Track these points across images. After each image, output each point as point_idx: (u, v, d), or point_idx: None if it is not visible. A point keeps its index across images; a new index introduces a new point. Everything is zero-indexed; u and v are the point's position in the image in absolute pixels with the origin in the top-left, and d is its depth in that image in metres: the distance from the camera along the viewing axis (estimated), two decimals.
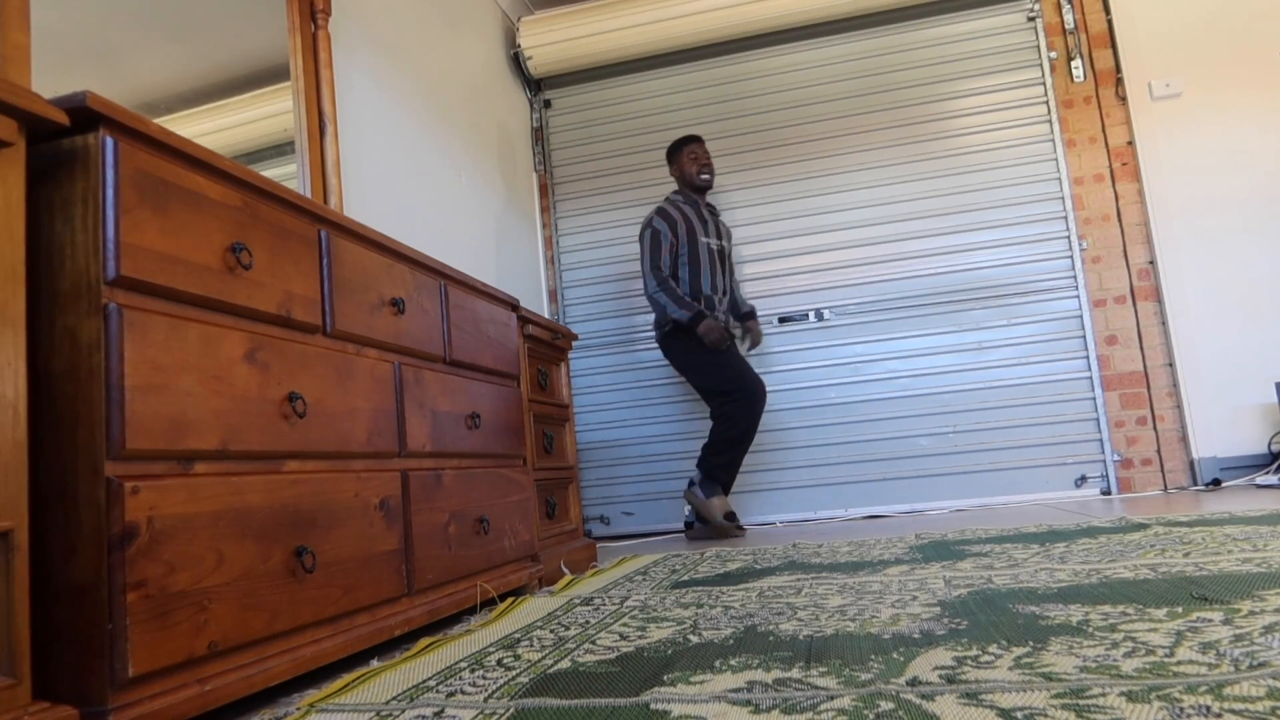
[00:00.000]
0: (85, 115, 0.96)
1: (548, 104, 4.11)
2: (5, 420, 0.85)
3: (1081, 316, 3.54)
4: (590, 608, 1.67)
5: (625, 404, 3.89)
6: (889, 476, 3.61)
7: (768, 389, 3.70)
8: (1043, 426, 3.51)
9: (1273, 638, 0.98)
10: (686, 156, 3.34)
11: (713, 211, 3.40)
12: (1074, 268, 3.56)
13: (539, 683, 1.09)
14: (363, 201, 2.38)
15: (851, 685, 0.95)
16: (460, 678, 1.15)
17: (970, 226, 3.65)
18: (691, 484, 3.14)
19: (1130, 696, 0.81)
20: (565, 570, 2.29)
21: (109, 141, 0.98)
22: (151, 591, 0.94)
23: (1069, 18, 3.68)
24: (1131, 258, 3.57)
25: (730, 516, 3.07)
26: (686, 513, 3.19)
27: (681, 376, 3.38)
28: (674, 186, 3.51)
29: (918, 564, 1.89)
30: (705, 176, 3.32)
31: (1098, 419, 3.48)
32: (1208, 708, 0.76)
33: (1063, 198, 3.59)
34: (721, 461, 3.08)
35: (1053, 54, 3.68)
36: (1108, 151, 3.62)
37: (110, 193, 0.97)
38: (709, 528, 3.09)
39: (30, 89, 0.93)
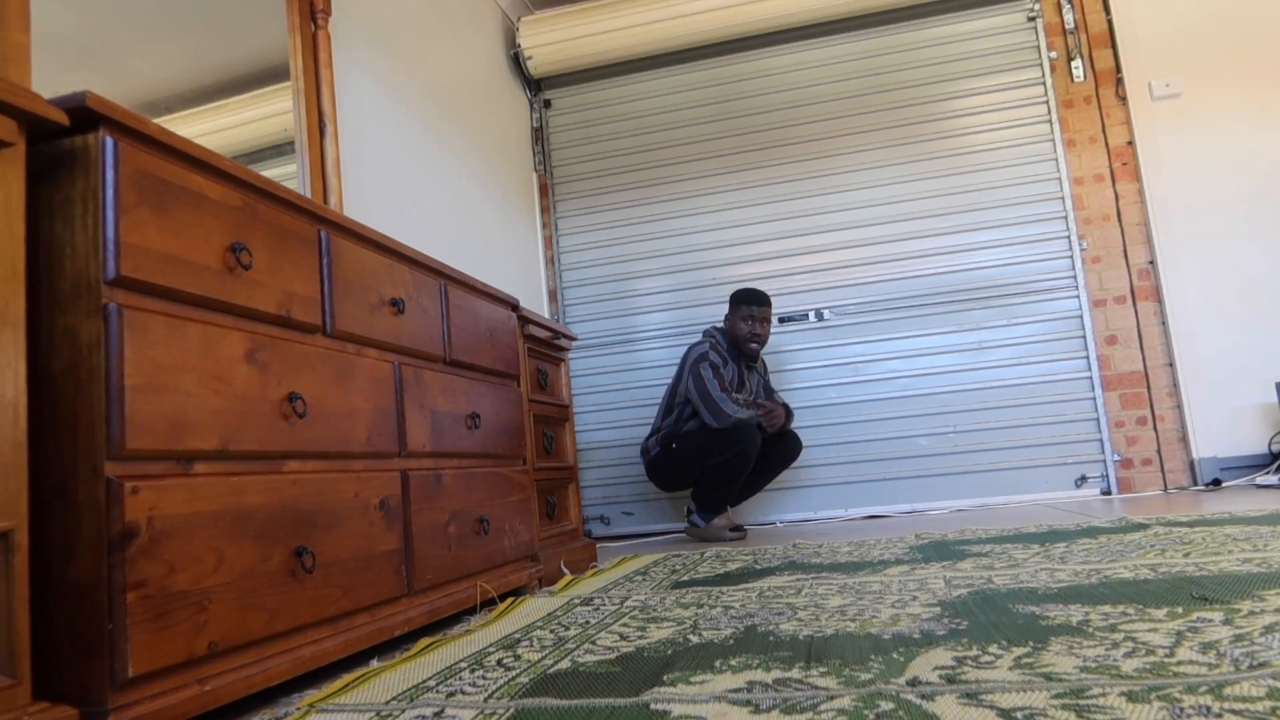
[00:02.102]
0: (85, 115, 0.96)
1: (548, 104, 4.11)
2: (5, 420, 0.85)
3: (1081, 316, 3.54)
4: (590, 608, 1.67)
5: (625, 404, 3.88)
6: (889, 476, 3.60)
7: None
8: (1043, 426, 3.51)
9: (1273, 638, 0.98)
10: (741, 316, 3.15)
11: (752, 367, 3.28)
12: (1074, 268, 3.56)
13: (539, 683, 1.09)
14: (363, 201, 2.37)
15: (851, 685, 0.95)
16: (460, 678, 1.15)
17: (970, 226, 3.64)
18: (690, 512, 3.13)
19: (1130, 696, 0.81)
20: (565, 570, 2.29)
21: (109, 141, 0.98)
22: (151, 591, 0.94)
23: (1069, 18, 3.68)
24: (1131, 258, 3.56)
25: (735, 529, 3.05)
26: (689, 509, 3.19)
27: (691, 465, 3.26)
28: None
29: (918, 564, 1.89)
30: (754, 346, 3.17)
31: (1098, 419, 3.48)
32: (1208, 708, 0.76)
33: (1063, 198, 3.59)
34: (714, 496, 3.05)
35: (1053, 54, 3.68)
36: (1108, 151, 3.62)
37: (110, 193, 0.97)
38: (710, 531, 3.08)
39: (30, 89, 0.93)
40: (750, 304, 3.15)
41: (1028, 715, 0.79)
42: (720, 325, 3.28)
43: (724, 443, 2.98)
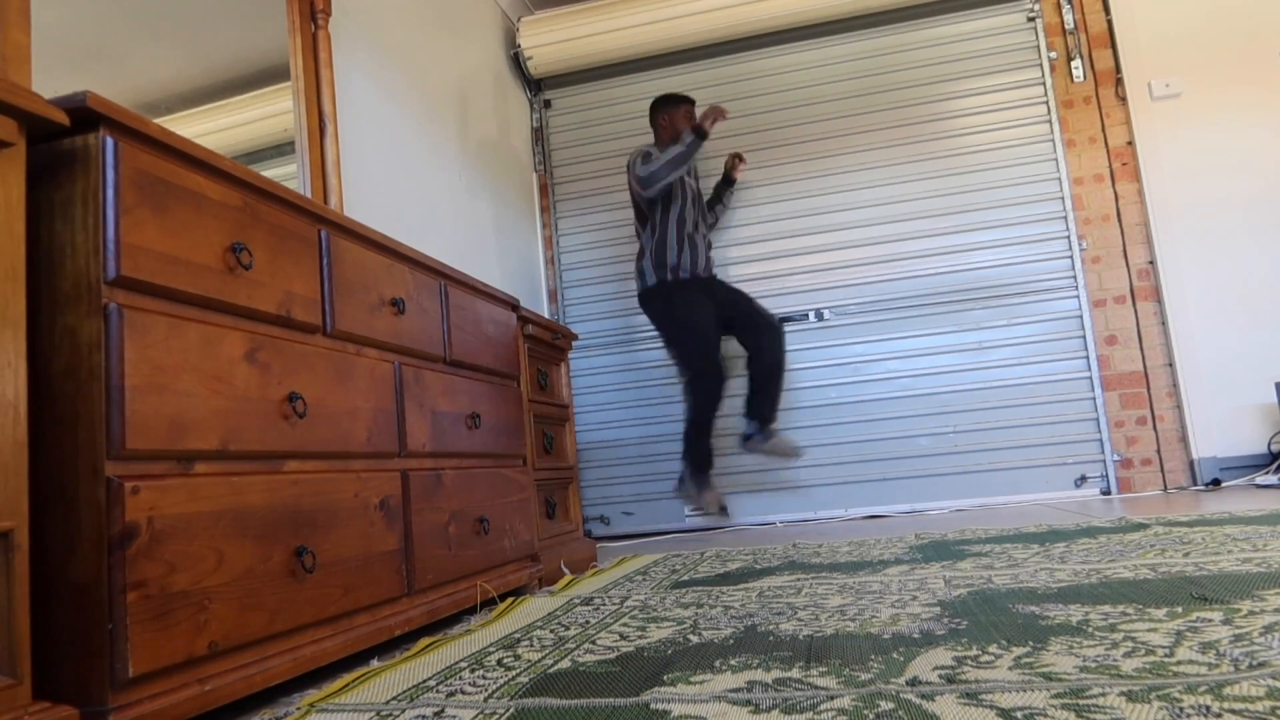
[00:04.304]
0: (85, 115, 0.96)
1: (548, 104, 4.11)
2: (5, 420, 0.85)
3: (1081, 316, 3.54)
4: (590, 608, 1.67)
5: (625, 404, 3.88)
6: (889, 476, 3.60)
7: None
8: (1043, 426, 3.51)
9: (1272, 638, 0.98)
10: (684, 114, 3.37)
11: (694, 176, 3.47)
12: (1074, 268, 3.56)
13: (539, 683, 1.09)
14: (363, 201, 2.38)
15: (851, 685, 0.95)
16: (460, 678, 1.15)
17: (970, 226, 3.64)
18: (681, 480, 3.23)
19: (1130, 696, 0.81)
20: (565, 570, 2.29)
21: (109, 141, 0.98)
22: (151, 591, 0.94)
23: (1069, 18, 3.68)
24: (1131, 258, 3.56)
25: (722, 509, 3.19)
26: (682, 501, 3.26)
27: (660, 336, 3.45)
28: None
29: (918, 564, 1.89)
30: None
31: (1098, 419, 3.48)
32: (1207, 708, 0.76)
33: (1063, 198, 3.59)
34: (699, 448, 3.18)
35: (1053, 54, 3.68)
36: (1107, 151, 3.62)
37: (110, 193, 0.97)
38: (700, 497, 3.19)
39: (30, 89, 0.93)
40: (687, 103, 3.39)
41: (1027, 715, 0.79)
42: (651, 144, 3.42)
43: (699, 358, 3.15)
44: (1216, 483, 3.35)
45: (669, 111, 3.38)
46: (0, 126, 0.87)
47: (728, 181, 3.63)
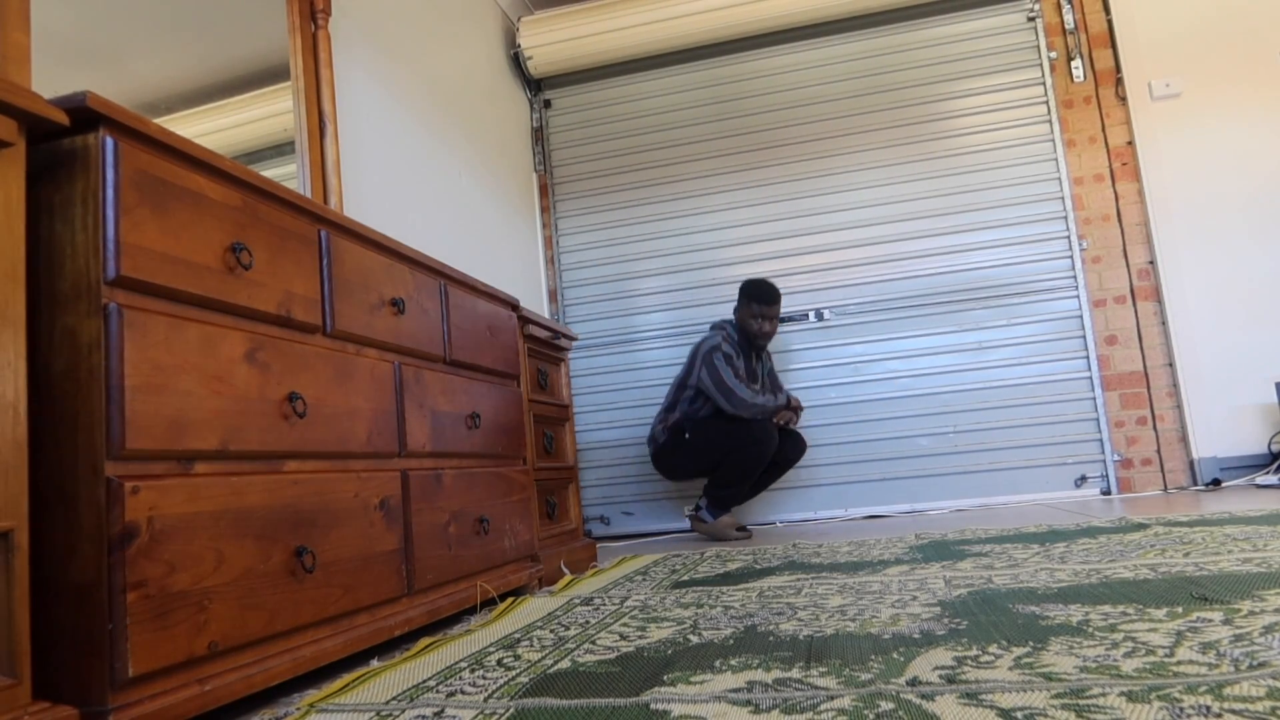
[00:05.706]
0: (85, 115, 0.96)
1: (548, 104, 4.11)
2: (5, 420, 0.85)
3: (1081, 316, 3.54)
4: (590, 608, 1.67)
5: (625, 404, 3.88)
6: (889, 476, 3.60)
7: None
8: (1043, 426, 3.51)
9: (1273, 638, 0.98)
10: (750, 313, 3.14)
11: (760, 359, 3.28)
12: (1074, 268, 3.56)
13: (539, 683, 1.09)
14: (363, 201, 2.37)
15: (851, 685, 0.95)
16: (460, 678, 1.15)
17: (970, 226, 3.64)
18: (698, 508, 3.11)
19: (1130, 696, 0.81)
20: (565, 570, 2.29)
21: (109, 141, 0.98)
22: (151, 591, 0.94)
23: (1069, 18, 3.68)
24: (1131, 258, 3.56)
25: (740, 529, 3.06)
26: (688, 511, 3.18)
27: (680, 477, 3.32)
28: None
29: (918, 564, 1.89)
30: (761, 342, 3.20)
31: (1098, 419, 3.48)
32: (1208, 708, 0.76)
33: (1063, 198, 3.59)
34: (727, 493, 3.05)
35: (1053, 54, 3.68)
36: (1108, 151, 3.62)
37: (110, 193, 0.97)
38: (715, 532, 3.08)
39: (30, 89, 0.93)
40: (758, 302, 3.14)
41: (1028, 715, 0.79)
42: (730, 318, 3.26)
43: (740, 437, 2.98)
44: (1217, 483, 3.35)
45: (744, 301, 3.16)
46: (0, 126, 0.87)
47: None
